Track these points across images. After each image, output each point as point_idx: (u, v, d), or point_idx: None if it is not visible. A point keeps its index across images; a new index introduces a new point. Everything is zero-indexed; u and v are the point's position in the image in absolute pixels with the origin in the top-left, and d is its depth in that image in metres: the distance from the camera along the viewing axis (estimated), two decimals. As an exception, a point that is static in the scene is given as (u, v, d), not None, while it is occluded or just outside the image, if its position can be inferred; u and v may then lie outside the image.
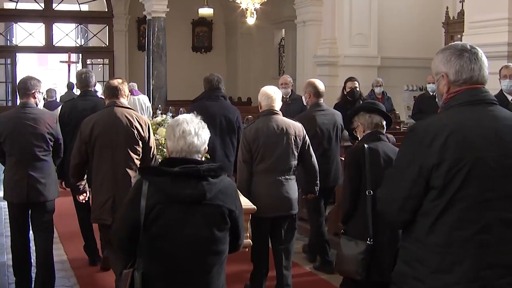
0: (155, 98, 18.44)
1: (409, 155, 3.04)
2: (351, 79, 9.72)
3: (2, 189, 6.53)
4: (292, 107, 10.46)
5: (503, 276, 2.91)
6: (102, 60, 24.80)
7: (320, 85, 7.36)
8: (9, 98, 22.93)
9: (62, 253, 8.18)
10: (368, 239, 4.70)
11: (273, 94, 6.17)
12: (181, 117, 3.65)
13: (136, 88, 14.30)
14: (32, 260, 6.65)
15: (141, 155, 5.95)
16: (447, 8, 16.33)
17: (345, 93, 9.58)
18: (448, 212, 2.92)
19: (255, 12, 16.47)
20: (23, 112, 6.32)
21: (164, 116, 7.58)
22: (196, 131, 3.56)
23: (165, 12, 18.64)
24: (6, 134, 6.28)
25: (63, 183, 7.30)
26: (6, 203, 6.57)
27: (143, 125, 5.96)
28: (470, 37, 11.09)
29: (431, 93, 12.15)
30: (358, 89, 9.53)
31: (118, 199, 5.62)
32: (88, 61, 24.68)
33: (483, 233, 2.89)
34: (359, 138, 5.14)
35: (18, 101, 6.54)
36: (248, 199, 5.72)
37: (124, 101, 6.07)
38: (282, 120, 6.20)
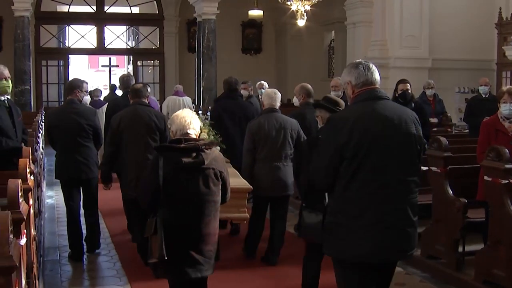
0: (205, 99, 18.52)
1: (328, 137, 4.32)
2: (403, 81, 9.60)
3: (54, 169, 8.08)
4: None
5: (401, 219, 4.18)
6: (152, 62, 25.02)
7: (310, 88, 8.68)
8: (61, 99, 23.14)
9: (106, 231, 9.22)
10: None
11: (274, 95, 7.66)
12: (182, 110, 5.21)
13: (182, 90, 15.20)
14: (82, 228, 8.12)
15: (158, 142, 7.30)
16: (500, 8, 16.08)
17: (397, 95, 9.46)
18: (357, 175, 4.12)
19: (305, 14, 16.47)
20: (69, 107, 7.83)
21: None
22: (191, 118, 4.97)
23: (215, 14, 18.74)
24: (55, 125, 7.83)
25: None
26: (58, 203, 8.23)
27: (160, 119, 7.49)
28: (524, 38, 10.92)
29: (484, 96, 12.00)
30: (409, 91, 9.41)
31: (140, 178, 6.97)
32: (139, 63, 24.96)
33: (384, 189, 4.13)
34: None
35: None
36: (250, 181, 7.17)
37: (145, 100, 7.67)
38: (281, 116, 7.56)
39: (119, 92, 13.55)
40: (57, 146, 7.90)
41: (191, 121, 4.94)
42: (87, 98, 10.31)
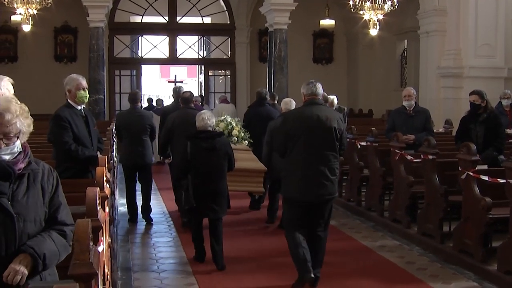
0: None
1: (281, 125, 7.14)
2: (471, 92, 9.36)
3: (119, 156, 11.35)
4: (415, 119, 10.30)
5: (320, 176, 6.80)
6: (223, 71, 25.17)
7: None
8: (134, 108, 23.51)
9: (162, 204, 12.40)
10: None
11: (289, 102, 9.94)
12: (202, 112, 8.28)
13: (226, 99, 19.20)
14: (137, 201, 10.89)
15: None
16: None
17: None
18: (294, 148, 6.81)
19: (378, 23, 16.35)
20: (133, 111, 10.80)
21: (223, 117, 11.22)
22: (209, 117, 8.02)
23: (287, 24, 18.71)
24: (123, 125, 10.73)
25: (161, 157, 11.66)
26: (128, 218, 10.76)
27: None
28: None
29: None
30: (481, 103, 9.16)
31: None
32: (210, 73, 25.19)
33: (310, 157, 6.77)
34: None
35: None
36: (268, 165, 9.64)
37: (192, 105, 10.55)
38: None
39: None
40: (123, 140, 10.74)
41: (207, 121, 7.95)
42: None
